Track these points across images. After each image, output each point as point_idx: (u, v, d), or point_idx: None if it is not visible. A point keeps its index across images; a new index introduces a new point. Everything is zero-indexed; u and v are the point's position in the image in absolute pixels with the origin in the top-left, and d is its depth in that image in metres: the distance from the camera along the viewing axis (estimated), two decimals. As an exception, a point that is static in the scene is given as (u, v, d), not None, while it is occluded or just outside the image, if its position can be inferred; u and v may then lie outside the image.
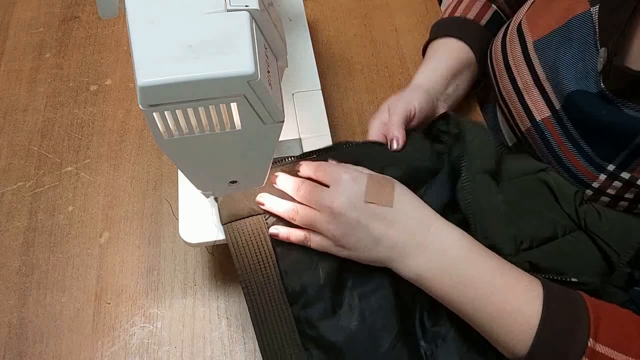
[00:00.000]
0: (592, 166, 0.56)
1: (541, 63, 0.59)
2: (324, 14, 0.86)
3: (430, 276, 0.50)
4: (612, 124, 0.53)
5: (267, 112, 0.39)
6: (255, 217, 0.55)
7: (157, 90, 0.35)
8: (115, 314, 0.61)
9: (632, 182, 0.54)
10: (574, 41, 0.56)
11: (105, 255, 0.65)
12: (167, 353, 0.59)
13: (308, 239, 0.53)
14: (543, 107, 0.60)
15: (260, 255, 0.54)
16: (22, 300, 0.62)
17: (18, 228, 0.66)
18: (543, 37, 0.59)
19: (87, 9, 0.86)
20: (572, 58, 0.56)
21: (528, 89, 0.61)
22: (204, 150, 0.42)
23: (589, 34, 0.55)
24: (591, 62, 0.55)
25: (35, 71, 0.79)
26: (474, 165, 0.57)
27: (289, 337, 0.52)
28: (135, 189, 0.69)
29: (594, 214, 0.56)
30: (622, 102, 0.52)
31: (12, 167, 0.71)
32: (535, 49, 0.60)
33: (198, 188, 0.51)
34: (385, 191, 0.52)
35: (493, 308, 0.48)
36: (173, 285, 0.63)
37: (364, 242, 0.51)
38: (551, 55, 0.58)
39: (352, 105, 0.76)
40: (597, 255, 0.55)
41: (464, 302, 0.49)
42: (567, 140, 0.58)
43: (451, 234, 0.51)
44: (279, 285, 0.54)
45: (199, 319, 0.61)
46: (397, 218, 0.51)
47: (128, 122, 0.75)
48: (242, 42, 0.35)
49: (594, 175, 0.56)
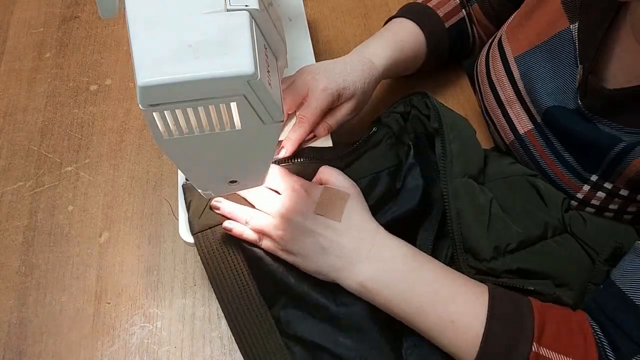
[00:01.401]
0: (576, 177, 0.57)
1: (522, 77, 0.60)
2: (324, 14, 0.86)
3: (375, 286, 0.50)
4: (589, 138, 0.54)
5: (267, 112, 0.39)
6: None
7: (157, 90, 0.35)
8: (115, 314, 0.61)
9: (616, 193, 0.54)
10: (554, 57, 0.57)
11: (105, 255, 0.65)
12: (167, 353, 0.59)
13: (260, 240, 0.54)
14: (526, 121, 0.61)
15: (232, 263, 0.54)
16: (22, 300, 0.62)
17: (18, 228, 0.66)
18: (524, 53, 0.60)
19: (87, 9, 0.86)
20: (551, 74, 0.57)
21: (511, 102, 0.62)
22: (203, 150, 0.42)
23: (570, 50, 0.56)
24: (571, 79, 0.56)
25: (35, 71, 0.79)
26: (453, 169, 0.57)
27: (271, 339, 0.53)
28: (135, 189, 0.69)
29: (579, 219, 0.57)
30: (598, 119, 0.53)
31: (12, 167, 0.71)
32: (517, 63, 0.61)
33: (198, 188, 0.51)
34: (336, 205, 0.53)
35: (437, 319, 0.48)
36: (173, 285, 0.63)
37: (311, 250, 0.52)
38: (530, 71, 0.59)
39: (352, 105, 0.76)
40: (585, 257, 0.55)
41: (409, 312, 0.50)
42: (550, 153, 0.58)
43: (396, 245, 0.52)
44: (255, 290, 0.54)
45: (199, 319, 0.61)
46: (345, 229, 0.52)
47: (128, 122, 0.75)
48: (242, 42, 0.35)
49: (577, 186, 0.57)
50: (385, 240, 0.52)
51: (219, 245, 0.54)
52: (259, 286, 0.54)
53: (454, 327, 0.48)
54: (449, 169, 0.56)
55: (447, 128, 0.58)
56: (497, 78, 0.63)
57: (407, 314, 0.50)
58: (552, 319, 0.47)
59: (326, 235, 0.51)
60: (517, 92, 0.61)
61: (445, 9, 0.71)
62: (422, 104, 0.61)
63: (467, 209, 0.55)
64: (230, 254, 0.55)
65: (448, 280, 0.50)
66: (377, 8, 0.87)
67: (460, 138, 0.58)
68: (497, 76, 0.63)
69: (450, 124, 0.58)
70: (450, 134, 0.58)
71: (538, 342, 0.45)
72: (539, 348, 0.45)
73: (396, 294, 0.50)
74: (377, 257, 0.51)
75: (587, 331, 0.47)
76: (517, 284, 0.53)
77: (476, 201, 0.56)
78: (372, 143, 0.60)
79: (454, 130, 0.58)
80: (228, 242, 0.55)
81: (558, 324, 0.47)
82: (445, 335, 0.48)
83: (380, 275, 0.50)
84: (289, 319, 0.53)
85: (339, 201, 0.53)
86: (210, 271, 0.54)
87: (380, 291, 0.50)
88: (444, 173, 0.56)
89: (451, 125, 0.58)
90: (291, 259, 0.53)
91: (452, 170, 0.57)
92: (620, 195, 0.54)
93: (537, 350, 0.45)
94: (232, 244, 0.55)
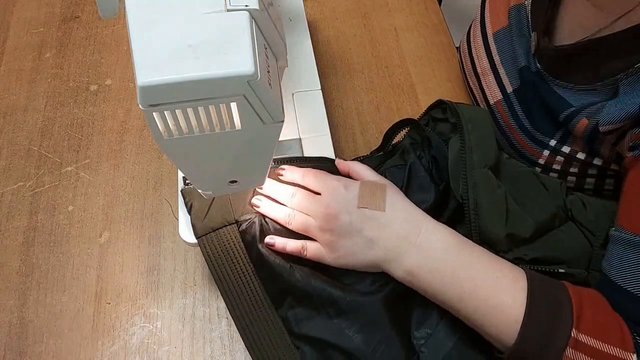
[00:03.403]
0: (536, 144, 0.60)
1: (498, 50, 0.66)
2: (324, 14, 0.86)
3: (421, 274, 0.51)
4: (545, 100, 0.58)
5: (267, 112, 0.39)
6: (228, 227, 0.55)
7: (157, 90, 0.35)
8: (115, 314, 0.61)
9: (573, 156, 0.58)
10: (518, 31, 0.64)
11: (105, 255, 0.65)
12: (167, 353, 0.59)
13: (305, 249, 0.54)
14: (496, 91, 0.66)
15: (237, 264, 0.54)
16: (22, 300, 0.62)
17: (18, 228, 0.66)
18: (500, 29, 0.66)
19: (87, 9, 0.86)
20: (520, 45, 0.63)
21: (485, 73, 0.68)
22: (204, 150, 0.42)
23: (523, 22, 0.63)
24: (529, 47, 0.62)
25: (35, 71, 0.79)
26: (473, 160, 0.57)
27: (279, 339, 0.52)
28: (135, 189, 0.69)
29: (579, 203, 0.57)
30: (553, 81, 0.58)
31: (12, 167, 0.71)
32: (494, 38, 0.67)
33: (198, 188, 0.51)
34: (377, 196, 0.53)
35: (479, 303, 0.49)
36: (173, 285, 0.63)
37: (359, 246, 0.52)
38: (506, 42, 0.65)
39: (352, 105, 0.76)
40: (585, 243, 0.56)
41: (451, 298, 0.50)
42: (514, 121, 0.63)
43: (441, 233, 0.52)
44: (262, 291, 0.54)
45: (199, 319, 0.61)
46: (390, 220, 0.52)
47: (128, 122, 0.75)
48: (242, 42, 0.35)
49: (538, 153, 0.61)
50: (431, 226, 0.52)
51: (223, 247, 0.54)
52: (265, 287, 0.54)
53: (495, 312, 0.48)
54: (468, 160, 0.56)
55: (465, 121, 0.58)
56: (476, 51, 0.69)
57: (451, 299, 0.50)
58: (588, 304, 0.48)
59: (373, 228, 0.52)
60: (492, 64, 0.66)
61: None
62: (439, 112, 0.62)
63: (486, 199, 0.55)
64: (235, 255, 0.54)
65: (490, 265, 0.51)
66: (377, 8, 0.87)
67: (478, 129, 0.59)
68: (477, 49, 0.69)
69: (467, 117, 0.58)
70: (469, 125, 0.58)
71: (577, 328, 0.46)
72: (578, 334, 0.45)
73: (441, 280, 0.50)
74: (424, 244, 0.51)
75: (622, 320, 0.48)
76: (550, 268, 0.53)
77: (494, 192, 0.56)
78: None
79: (471, 122, 0.58)
80: (232, 243, 0.55)
81: (593, 309, 0.48)
82: (486, 320, 0.49)
83: (427, 262, 0.51)
84: (297, 318, 0.53)
85: (379, 191, 0.53)
86: (217, 274, 0.54)
87: (426, 278, 0.50)
88: (464, 163, 0.56)
89: (469, 117, 0.58)
90: (341, 262, 0.53)
91: (471, 161, 0.57)
92: (578, 158, 0.58)
93: (577, 337, 0.45)
94: (237, 245, 0.55)
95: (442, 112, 0.61)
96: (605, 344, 0.45)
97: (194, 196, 0.56)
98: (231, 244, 0.54)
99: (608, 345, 0.45)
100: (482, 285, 0.49)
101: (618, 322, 0.47)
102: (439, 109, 0.62)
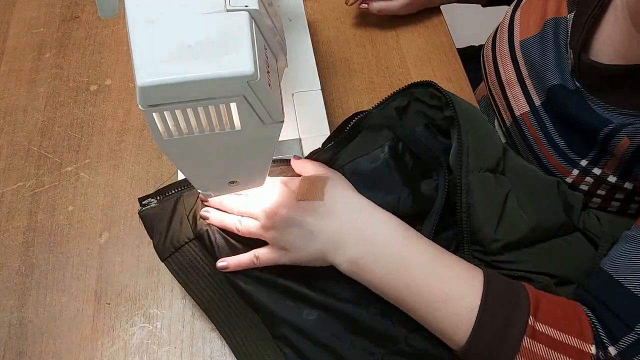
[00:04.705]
0: (566, 161, 0.58)
1: (525, 60, 0.62)
2: (324, 14, 0.86)
3: (365, 264, 0.49)
4: (582, 120, 0.55)
5: (267, 112, 0.39)
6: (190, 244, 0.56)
7: (156, 90, 0.35)
8: (115, 314, 0.61)
9: (603, 179, 0.56)
10: (554, 44, 0.60)
11: (105, 255, 0.65)
12: (167, 353, 0.59)
13: (257, 257, 0.54)
14: (523, 103, 0.62)
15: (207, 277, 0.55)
16: (22, 300, 0.62)
17: (18, 228, 0.66)
18: (528, 38, 0.62)
19: (87, 9, 0.86)
20: (552, 59, 0.59)
21: (511, 84, 0.64)
22: (203, 150, 0.42)
23: (562, 36, 0.59)
24: (566, 63, 0.58)
25: (35, 71, 0.79)
26: (469, 163, 0.56)
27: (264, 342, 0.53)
28: (135, 189, 0.69)
29: (594, 219, 0.57)
30: (593, 100, 0.55)
31: (12, 167, 0.71)
32: (522, 47, 0.63)
33: (198, 188, 0.51)
34: (316, 188, 0.52)
35: (431, 295, 0.47)
36: (173, 285, 0.62)
37: (302, 239, 0.51)
38: (535, 53, 0.61)
39: (352, 105, 0.76)
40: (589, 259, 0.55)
41: (400, 289, 0.48)
42: (543, 136, 0.60)
43: (386, 220, 0.51)
44: (238, 297, 0.55)
45: (199, 319, 0.61)
46: (329, 211, 0.51)
47: (128, 122, 0.75)
48: (242, 42, 0.35)
49: (567, 171, 0.58)
50: (374, 214, 0.51)
51: (190, 263, 0.55)
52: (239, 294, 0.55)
53: (448, 304, 0.47)
54: (464, 163, 0.55)
55: (462, 119, 0.56)
56: (502, 59, 0.66)
57: (399, 290, 0.48)
58: (546, 299, 0.47)
59: (311, 219, 0.51)
60: (519, 75, 0.63)
61: None
62: (426, 95, 0.59)
63: (480, 203, 0.54)
64: (204, 268, 0.55)
65: (442, 257, 0.49)
66: (377, 8, 0.87)
67: (475, 130, 0.57)
68: (502, 58, 0.66)
69: (466, 116, 0.57)
70: (466, 125, 0.56)
71: (534, 316, 0.45)
72: (535, 322, 0.44)
73: (387, 270, 0.48)
74: (367, 232, 0.50)
75: (581, 314, 0.47)
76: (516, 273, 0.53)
77: (490, 196, 0.55)
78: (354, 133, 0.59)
79: (468, 122, 0.57)
80: (198, 257, 0.56)
81: (552, 304, 0.47)
82: (438, 312, 0.47)
83: (371, 251, 0.49)
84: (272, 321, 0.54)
85: (319, 183, 0.52)
86: (191, 290, 0.55)
87: (371, 268, 0.49)
88: (459, 166, 0.55)
89: (465, 116, 0.57)
90: (287, 258, 0.52)
91: (467, 164, 0.56)
92: (608, 182, 0.56)
93: (533, 325, 0.44)
94: (202, 258, 0.56)
95: (430, 97, 0.59)
96: (564, 333, 0.44)
97: (153, 217, 0.56)
98: (197, 258, 0.56)
99: (566, 336, 0.44)
100: (433, 273, 0.48)
101: (576, 313, 0.47)
102: (424, 90, 0.59)
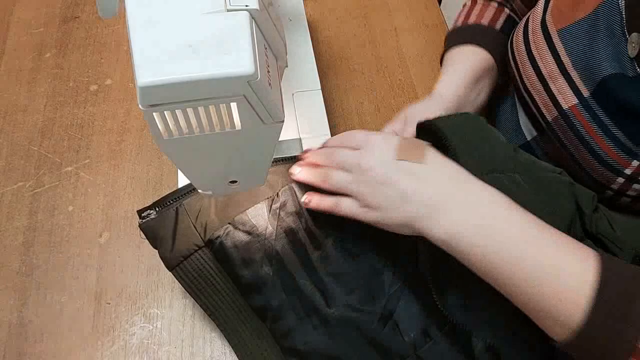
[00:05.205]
0: (624, 152, 0.54)
1: (567, 51, 0.58)
2: (324, 14, 0.86)
3: (464, 234, 0.45)
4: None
5: (267, 112, 0.39)
6: (199, 252, 0.55)
7: (157, 90, 0.35)
8: (115, 314, 0.61)
9: None
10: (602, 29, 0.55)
11: (105, 255, 0.65)
12: (167, 353, 0.59)
13: (339, 205, 0.51)
14: (570, 96, 0.58)
15: (217, 285, 0.54)
16: (22, 300, 0.62)
17: (18, 228, 0.66)
18: (569, 26, 0.58)
19: (87, 9, 0.86)
20: (601, 45, 0.55)
21: (553, 77, 0.60)
22: (204, 150, 0.42)
23: (616, 21, 0.53)
24: (621, 49, 0.53)
25: (35, 71, 0.79)
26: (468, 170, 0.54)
27: (273, 355, 0.53)
28: (135, 189, 0.69)
29: (604, 219, 0.55)
30: None
31: (12, 167, 0.71)
32: (561, 37, 0.58)
33: (198, 188, 0.51)
34: (417, 149, 0.49)
35: (541, 268, 0.42)
36: (173, 285, 0.63)
37: (392, 200, 0.48)
38: (580, 43, 0.57)
39: (352, 105, 0.76)
40: None
41: (501, 264, 0.44)
42: (597, 127, 0.56)
43: (488, 190, 0.47)
44: (248, 306, 0.54)
45: (199, 319, 0.61)
46: (429, 174, 0.48)
47: (128, 122, 0.75)
48: (242, 42, 0.35)
49: (626, 162, 0.54)
50: (477, 185, 0.47)
51: (199, 272, 0.55)
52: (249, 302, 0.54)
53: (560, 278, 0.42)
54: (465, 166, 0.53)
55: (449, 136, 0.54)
56: (539, 53, 0.61)
57: (500, 266, 0.44)
58: None
59: (409, 180, 0.47)
60: (562, 67, 0.58)
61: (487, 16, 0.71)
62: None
63: None
64: (213, 276, 0.55)
65: (549, 230, 0.45)
66: (377, 8, 0.87)
67: (465, 138, 0.55)
68: (539, 51, 0.61)
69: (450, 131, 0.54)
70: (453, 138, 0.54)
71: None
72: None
73: (489, 241, 0.44)
74: (469, 200, 0.46)
75: None
76: None
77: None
78: None
79: (454, 134, 0.54)
80: (207, 266, 0.55)
81: None
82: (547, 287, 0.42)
83: (472, 218, 0.45)
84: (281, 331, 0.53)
85: (419, 145, 0.50)
86: (200, 299, 0.54)
87: (471, 238, 0.45)
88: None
89: (452, 131, 0.54)
90: (372, 216, 0.49)
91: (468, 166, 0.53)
92: None
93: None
94: (212, 266, 0.55)
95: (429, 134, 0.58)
96: None
97: (155, 228, 0.55)
98: (206, 267, 0.55)
99: None
100: (541, 246, 0.43)
101: None
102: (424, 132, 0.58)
